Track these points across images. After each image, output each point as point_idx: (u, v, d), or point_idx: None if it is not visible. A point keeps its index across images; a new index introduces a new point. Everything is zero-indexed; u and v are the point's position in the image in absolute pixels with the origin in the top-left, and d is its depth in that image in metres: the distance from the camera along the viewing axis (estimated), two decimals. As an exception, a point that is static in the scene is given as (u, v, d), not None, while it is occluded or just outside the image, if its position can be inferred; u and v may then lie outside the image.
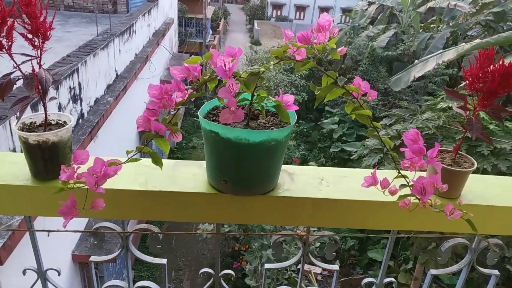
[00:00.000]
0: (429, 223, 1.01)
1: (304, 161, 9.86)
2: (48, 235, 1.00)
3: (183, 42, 16.71)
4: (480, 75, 0.85)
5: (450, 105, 4.18)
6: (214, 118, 0.96)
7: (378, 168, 0.87)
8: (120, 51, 6.25)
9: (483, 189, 1.06)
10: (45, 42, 0.82)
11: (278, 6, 33.45)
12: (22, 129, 0.93)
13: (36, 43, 0.82)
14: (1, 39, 0.80)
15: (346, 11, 26.62)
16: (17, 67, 0.83)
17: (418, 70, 4.91)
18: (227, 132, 0.85)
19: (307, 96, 11.16)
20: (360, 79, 0.84)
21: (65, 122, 0.98)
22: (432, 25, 12.40)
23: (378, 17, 13.34)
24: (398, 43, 11.65)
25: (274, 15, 33.61)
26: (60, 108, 4.01)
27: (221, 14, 26.60)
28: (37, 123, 0.97)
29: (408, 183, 0.79)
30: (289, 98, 0.88)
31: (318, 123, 10.97)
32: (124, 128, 6.44)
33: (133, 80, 6.60)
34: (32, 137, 0.89)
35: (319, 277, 7.52)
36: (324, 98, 0.82)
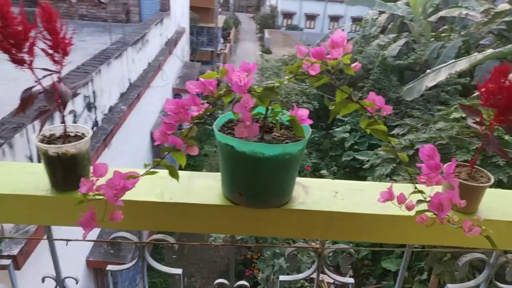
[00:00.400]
0: (445, 238, 1.00)
1: (315, 169, 9.83)
2: (67, 244, 1.02)
3: (195, 51, 16.88)
4: (495, 90, 0.84)
5: (464, 115, 4.14)
6: (229, 131, 0.97)
7: (391, 179, 0.87)
8: (133, 60, 6.34)
9: (501, 204, 1.04)
10: (65, 57, 0.84)
11: (288, 15, 33.62)
12: (42, 141, 0.95)
13: (56, 58, 0.84)
14: (23, 54, 0.82)
15: (356, 20, 26.63)
16: (38, 82, 0.86)
17: (430, 79, 4.88)
18: (242, 145, 0.86)
19: (318, 104, 11.14)
20: (375, 94, 0.85)
21: (83, 134, 1.00)
22: (443, 34, 12.33)
23: (389, 26, 13.33)
24: (409, 52, 11.60)
25: (284, 24, 33.77)
26: (75, 116, 4.08)
27: (232, 23, 26.84)
28: (56, 135, 0.99)
29: (425, 198, 0.79)
30: (303, 112, 0.89)
31: (330, 131, 10.94)
32: (137, 135, 6.51)
33: (146, 89, 6.68)
34: (52, 149, 0.91)
35: (332, 287, 7.44)
36: (338, 112, 0.83)
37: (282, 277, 1.13)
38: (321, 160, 10.29)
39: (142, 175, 0.82)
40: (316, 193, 1.03)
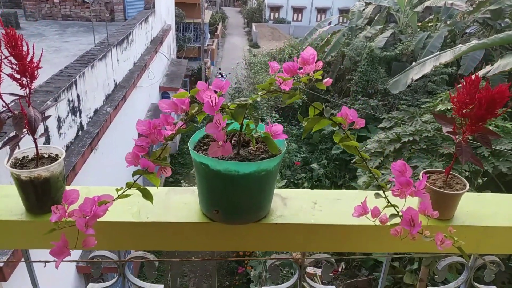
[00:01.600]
0: (424, 245, 1.01)
1: (306, 163, 9.86)
2: (45, 266, 1.01)
3: (182, 48, 16.75)
4: (467, 101, 0.85)
5: (449, 107, 4.18)
6: (205, 147, 0.96)
7: (378, 168, 0.88)
8: (118, 60, 6.27)
9: (478, 209, 1.06)
10: (33, 82, 0.83)
11: (275, 9, 33.49)
12: (14, 165, 0.94)
13: (24, 83, 0.83)
14: (-11, 80, 0.80)
15: (343, 11, 26.64)
16: (6, 106, 0.84)
17: (416, 72, 4.91)
18: (217, 164, 0.86)
19: (306, 97, 11.15)
20: (347, 108, 0.84)
21: (56, 155, 0.98)
22: (429, 24, 12.40)
23: (376, 18, 13.35)
24: (396, 43, 11.65)
25: (271, 18, 33.65)
26: (59, 121, 4.03)
27: (218, 18, 26.66)
28: (29, 157, 0.97)
29: (398, 212, 0.79)
30: (278, 128, 0.88)
31: (319, 125, 10.93)
32: (124, 136, 6.46)
33: (132, 89, 6.62)
34: (24, 174, 0.89)
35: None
36: (311, 129, 0.83)
37: (264, 288, 1.13)
38: (311, 153, 10.33)
39: (114, 199, 0.81)
40: (294, 205, 1.03)
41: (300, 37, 17.16)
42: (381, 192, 0.80)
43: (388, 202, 0.79)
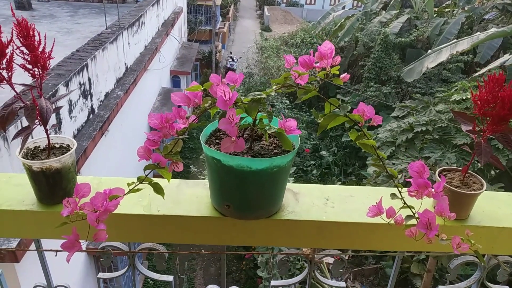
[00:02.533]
0: (438, 245, 0.99)
1: (315, 150, 9.82)
2: (56, 255, 1.02)
3: (193, 30, 16.62)
4: (489, 99, 0.81)
5: (464, 97, 4.09)
6: (217, 141, 0.95)
7: (388, 159, 0.86)
8: (129, 43, 6.24)
9: (493, 209, 1.03)
10: (45, 72, 0.82)
11: (288, -9, 32.91)
12: (26, 155, 0.94)
13: (36, 73, 0.82)
14: (1, 71, 0.79)
15: (358, -5, 26.04)
16: (18, 97, 0.83)
17: (431, 60, 4.80)
18: (229, 160, 0.84)
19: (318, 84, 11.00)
20: (364, 104, 0.82)
21: (68, 146, 0.98)
22: (446, 10, 12.08)
23: (391, 2, 13.04)
24: (411, 29, 11.40)
25: (284, 0, 33.12)
26: (70, 104, 4.04)
27: (230, 1, 26.32)
28: (41, 147, 0.97)
29: (414, 213, 0.77)
30: (292, 123, 0.86)
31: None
32: (135, 120, 6.48)
33: (143, 72, 6.61)
34: (36, 165, 0.89)
35: (330, 267, 7.56)
36: (327, 126, 0.80)
37: (273, 282, 1.13)
38: (320, 140, 10.27)
39: (126, 194, 0.80)
40: (306, 201, 1.02)
41: (313, 21, 16.88)
42: (397, 192, 0.78)
43: (404, 203, 0.78)
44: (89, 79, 4.53)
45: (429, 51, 5.34)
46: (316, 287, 4.60)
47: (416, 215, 0.76)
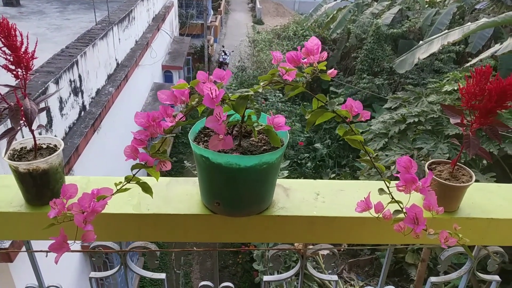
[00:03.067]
0: (426, 238, 1.00)
1: (309, 143, 9.83)
2: (46, 256, 1.01)
3: (184, 24, 16.49)
4: (477, 92, 0.82)
5: (456, 88, 4.11)
6: (206, 139, 0.94)
7: (381, 151, 0.86)
8: (119, 39, 6.18)
9: (483, 200, 1.04)
10: (28, 72, 0.80)
11: (280, -17, 32.69)
12: (13, 156, 0.93)
13: (19, 74, 0.80)
14: (-17, 71, 0.78)
15: (350, -14, 25.94)
16: (2, 98, 0.82)
17: (423, 51, 4.81)
18: (218, 157, 0.84)
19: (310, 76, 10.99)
20: (352, 99, 0.82)
21: (55, 146, 0.97)
22: (438, 0, 12.09)
23: (383, -7, 13.01)
24: (403, 20, 11.40)
25: (276, -7, 32.88)
26: (61, 101, 4.01)
27: (222, -6, 26.08)
28: (28, 148, 0.96)
29: (402, 208, 0.77)
30: (280, 119, 0.86)
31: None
32: (127, 116, 6.44)
33: (134, 68, 6.56)
34: (22, 166, 0.88)
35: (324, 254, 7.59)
36: (315, 122, 0.80)
37: (266, 278, 1.13)
38: (314, 133, 10.28)
39: (113, 194, 0.79)
40: (297, 196, 1.02)
41: (305, 13, 16.82)
42: (385, 187, 0.79)
43: (392, 198, 0.78)
44: (80, 76, 4.48)
45: (421, 42, 5.35)
46: (311, 279, 4.64)
47: (404, 210, 0.76)
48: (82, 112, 4.54)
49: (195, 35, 16.46)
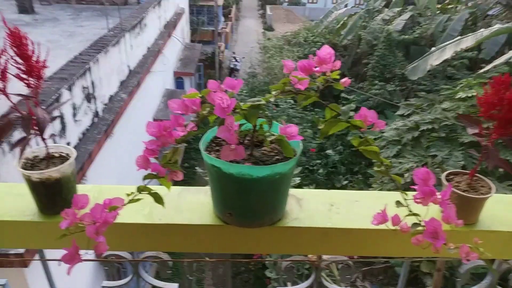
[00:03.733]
0: (445, 252, 0.97)
1: (321, 150, 9.78)
2: (59, 265, 1.01)
3: (195, 31, 16.63)
4: (495, 102, 0.79)
5: (470, 95, 4.05)
6: (217, 148, 0.93)
7: (395, 158, 0.84)
8: (131, 46, 6.25)
9: (503, 212, 1.00)
10: (40, 81, 0.80)
11: (290, -10, 32.82)
12: (25, 165, 0.93)
13: (31, 83, 0.80)
14: (-3, 81, 0.78)
15: (360, -8, 25.91)
16: (15, 108, 0.82)
17: (435, 58, 4.75)
18: (229, 167, 0.83)
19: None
20: (366, 109, 0.80)
21: (67, 154, 0.97)
22: (449, 6, 11.99)
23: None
24: (414, 26, 11.33)
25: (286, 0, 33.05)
26: (74, 108, 4.05)
27: (232, 1, 26.31)
28: (40, 157, 0.96)
29: (420, 221, 0.75)
30: (292, 129, 0.84)
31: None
32: (140, 122, 6.49)
33: (146, 74, 6.62)
34: (35, 175, 0.88)
35: (339, 266, 7.50)
36: (328, 132, 0.78)
37: (278, 289, 1.11)
38: (326, 140, 10.22)
39: (125, 204, 0.79)
40: (310, 207, 1.00)
41: (316, 20, 16.82)
42: (402, 200, 0.76)
43: (410, 211, 0.75)
44: (93, 83, 4.53)
45: (433, 48, 5.29)
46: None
47: (422, 223, 0.74)
48: (95, 119, 4.58)
49: (206, 41, 16.58)
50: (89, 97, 4.40)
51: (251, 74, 13.25)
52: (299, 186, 6.21)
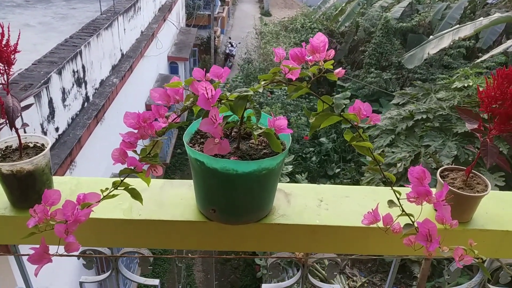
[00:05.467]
0: (438, 253, 0.94)
1: (314, 137, 9.74)
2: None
3: (191, 15, 16.35)
4: (497, 96, 0.74)
5: (466, 85, 4.00)
6: (202, 140, 0.88)
7: (389, 146, 0.79)
8: (124, 29, 6.11)
9: (498, 210, 0.97)
10: (11, 67, 0.74)
11: (288, -26, 32.28)
12: (-4, 155, 0.87)
13: (0, 69, 0.74)
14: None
15: (359, -22, 25.55)
16: (-18, 95, 0.76)
17: (433, 46, 4.68)
18: (213, 162, 0.78)
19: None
20: (360, 101, 0.75)
21: (42, 145, 0.91)
22: (449, -6, 11.84)
23: (393, -14, 12.78)
24: (413, 14, 11.19)
25: (284, -16, 32.52)
26: (64, 92, 3.96)
27: (229, -16, 25.82)
28: (13, 147, 0.90)
29: (413, 222, 0.71)
30: (282, 122, 0.79)
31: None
32: (132, 108, 6.39)
33: (139, 59, 6.49)
34: (5, 167, 0.82)
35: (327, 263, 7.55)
36: (319, 126, 0.74)
37: (264, 286, 1.07)
38: (320, 127, 10.17)
39: (99, 201, 0.74)
40: (299, 202, 0.95)
41: (314, 6, 16.57)
42: (395, 200, 0.72)
43: (403, 211, 0.71)
44: (83, 67, 4.43)
45: (431, 36, 5.22)
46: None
47: (415, 224, 0.70)
48: (86, 103, 4.49)
49: (202, 26, 16.33)
50: (79, 81, 4.30)
51: (246, 60, 13.09)
52: (291, 173, 6.18)
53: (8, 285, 3.00)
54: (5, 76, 0.76)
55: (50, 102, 3.63)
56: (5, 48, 0.73)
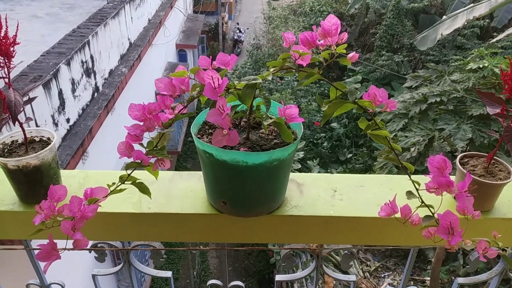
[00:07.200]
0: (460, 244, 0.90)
1: (326, 122, 9.64)
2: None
3: (198, 1, 16.18)
4: (524, 78, 0.70)
5: (481, 66, 3.88)
6: (211, 131, 0.85)
7: (402, 130, 0.76)
8: (132, 18, 6.07)
9: (521, 197, 0.93)
10: (11, 60, 0.72)
11: (296, -43, 31.69)
12: (2, 151, 0.85)
13: (0, 62, 0.72)
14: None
15: (369, -42, 24.92)
16: (-16, 89, 0.74)
17: (446, 27, 4.54)
18: (222, 154, 0.75)
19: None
20: (375, 87, 0.71)
21: (48, 139, 0.89)
22: (462, -29, 11.47)
23: (404, -35, 12.43)
24: (425, -7, 10.89)
25: (292, -33, 31.97)
26: (73, 83, 3.96)
27: (236, -31, 25.42)
28: (19, 141, 0.89)
29: (433, 214, 0.67)
30: (293, 110, 0.76)
31: (341, 82, 10.55)
32: (141, 97, 6.39)
33: (147, 48, 6.45)
34: (11, 162, 0.81)
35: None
36: (332, 114, 0.70)
37: (278, 277, 1.06)
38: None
39: (107, 195, 0.72)
40: (312, 193, 0.93)
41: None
42: (413, 190, 0.68)
43: (422, 202, 0.68)
44: (92, 57, 4.41)
45: (444, 17, 5.06)
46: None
47: (436, 216, 0.66)
48: (95, 94, 4.49)
49: (209, 12, 16.17)
50: (88, 71, 4.29)
51: (255, 46, 12.95)
52: (303, 159, 6.14)
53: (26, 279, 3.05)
54: (5, 69, 0.74)
55: (60, 93, 3.63)
56: (3, 41, 0.70)
